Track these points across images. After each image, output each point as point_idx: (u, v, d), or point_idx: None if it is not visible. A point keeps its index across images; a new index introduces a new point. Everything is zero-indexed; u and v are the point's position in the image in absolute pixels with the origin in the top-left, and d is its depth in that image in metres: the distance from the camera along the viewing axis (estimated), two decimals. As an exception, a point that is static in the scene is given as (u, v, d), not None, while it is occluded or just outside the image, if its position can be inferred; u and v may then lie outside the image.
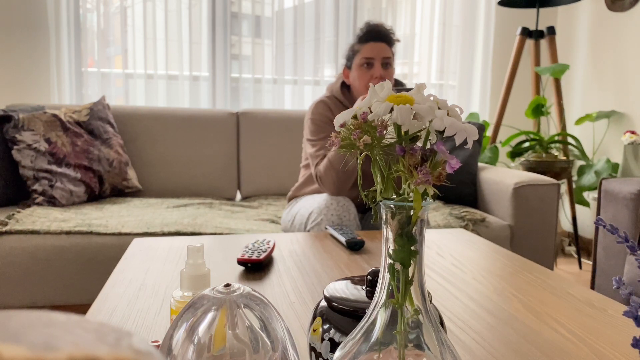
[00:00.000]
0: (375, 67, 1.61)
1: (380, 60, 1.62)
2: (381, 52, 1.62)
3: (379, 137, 0.38)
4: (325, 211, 1.51)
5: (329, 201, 1.53)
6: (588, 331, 0.74)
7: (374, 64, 1.62)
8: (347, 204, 1.54)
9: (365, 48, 1.62)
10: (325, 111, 1.67)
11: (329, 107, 1.68)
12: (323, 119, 1.66)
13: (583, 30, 3.07)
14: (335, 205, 1.52)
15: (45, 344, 0.15)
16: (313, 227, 1.52)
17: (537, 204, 2.01)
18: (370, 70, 1.62)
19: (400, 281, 0.40)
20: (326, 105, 1.68)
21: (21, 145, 2.01)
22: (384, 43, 1.63)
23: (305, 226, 1.56)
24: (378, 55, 1.61)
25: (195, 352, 0.41)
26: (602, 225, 0.41)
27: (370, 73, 1.62)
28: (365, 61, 1.62)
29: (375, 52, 1.61)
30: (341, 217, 1.50)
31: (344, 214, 1.50)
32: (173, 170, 2.39)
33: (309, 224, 1.54)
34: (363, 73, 1.63)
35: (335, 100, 1.70)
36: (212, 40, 2.85)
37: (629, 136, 2.50)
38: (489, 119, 3.21)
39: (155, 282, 0.92)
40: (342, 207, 1.52)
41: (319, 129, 1.66)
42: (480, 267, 1.05)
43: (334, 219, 1.50)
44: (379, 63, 1.62)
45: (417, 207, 0.38)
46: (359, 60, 1.63)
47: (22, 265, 1.66)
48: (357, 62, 1.64)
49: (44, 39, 2.65)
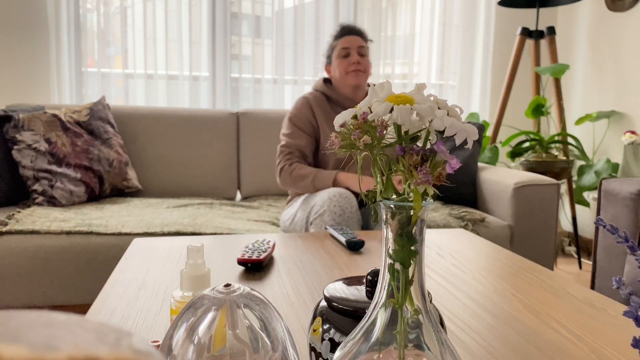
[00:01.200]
0: (352, 55, 1.78)
1: (356, 49, 1.78)
2: (356, 42, 1.79)
3: (379, 137, 0.38)
4: (328, 202, 1.56)
5: (332, 193, 1.58)
6: (588, 331, 0.74)
7: (351, 52, 1.78)
8: (349, 196, 1.59)
9: (342, 41, 1.80)
10: (305, 109, 1.80)
11: (309, 104, 1.81)
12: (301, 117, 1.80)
13: (583, 30, 3.07)
14: (338, 197, 1.56)
15: (45, 344, 0.15)
16: (316, 218, 1.57)
17: (537, 204, 2.01)
18: (347, 58, 1.78)
19: (400, 281, 0.40)
20: (307, 102, 1.82)
21: (21, 145, 2.01)
22: (357, 36, 1.81)
23: (308, 219, 1.61)
24: (353, 44, 1.78)
25: (195, 352, 0.41)
26: (602, 225, 0.41)
27: (348, 60, 1.77)
28: (343, 52, 1.78)
29: (351, 42, 1.79)
30: (343, 208, 1.55)
31: (346, 206, 1.55)
32: (173, 170, 2.39)
33: (312, 215, 1.59)
34: (341, 61, 1.79)
35: (318, 94, 1.84)
36: (212, 40, 2.85)
37: (629, 136, 2.50)
38: (489, 119, 3.21)
39: (155, 282, 0.92)
40: (345, 199, 1.57)
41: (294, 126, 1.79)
42: (480, 267, 1.05)
43: (336, 209, 1.54)
44: (355, 52, 1.78)
45: (417, 207, 0.38)
46: (337, 52, 1.80)
47: (22, 265, 1.66)
48: (336, 54, 1.81)
49: (44, 39, 2.65)
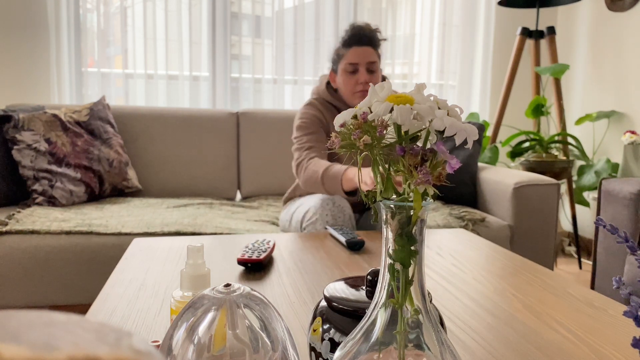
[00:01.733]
0: (360, 73, 1.58)
1: (365, 65, 1.58)
2: (366, 57, 1.58)
3: (379, 137, 0.38)
4: (320, 210, 1.51)
5: (325, 201, 1.54)
6: (588, 331, 0.74)
7: (359, 69, 1.58)
8: (342, 204, 1.54)
9: (350, 53, 1.59)
10: (314, 111, 1.66)
11: (318, 108, 1.67)
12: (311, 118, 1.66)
13: (583, 30, 3.07)
14: (330, 206, 1.52)
15: (45, 344, 0.15)
16: (308, 225, 1.52)
17: (537, 204, 2.01)
18: (355, 76, 1.59)
19: (400, 281, 0.40)
20: (314, 106, 1.68)
21: (21, 145, 2.01)
22: (369, 47, 1.59)
23: (301, 224, 1.56)
24: (362, 60, 1.58)
25: (195, 352, 0.41)
26: (602, 225, 0.41)
27: (355, 79, 1.59)
28: (350, 67, 1.58)
29: (360, 57, 1.58)
30: (336, 217, 1.50)
31: (338, 215, 1.51)
32: (173, 170, 2.39)
33: (304, 222, 1.54)
34: (348, 79, 1.60)
35: (323, 102, 1.69)
36: (212, 40, 2.85)
37: (629, 136, 2.50)
38: (489, 119, 3.21)
39: (155, 282, 0.92)
40: (338, 207, 1.52)
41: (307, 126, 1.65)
42: (480, 267, 1.05)
43: (328, 218, 1.50)
44: (364, 68, 1.58)
45: (417, 207, 0.38)
46: (343, 65, 1.60)
47: (22, 265, 1.66)
48: (342, 67, 1.61)
49: (44, 39, 2.65)
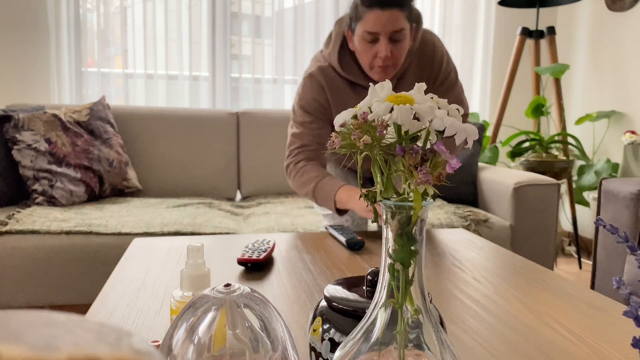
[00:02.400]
0: (380, 44, 1.22)
1: (387, 34, 1.22)
2: (388, 25, 1.20)
3: (379, 137, 0.38)
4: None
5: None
6: (588, 331, 0.74)
7: (380, 38, 1.22)
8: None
9: (370, 17, 1.21)
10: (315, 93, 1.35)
11: (321, 85, 1.35)
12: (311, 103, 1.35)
13: (583, 30, 3.07)
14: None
15: (45, 344, 0.15)
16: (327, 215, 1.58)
17: (537, 204, 2.01)
18: (374, 46, 1.24)
19: (400, 281, 0.40)
20: (317, 84, 1.35)
21: (21, 145, 2.01)
22: (395, 9, 1.20)
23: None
24: (385, 29, 1.21)
25: (195, 352, 0.41)
26: (602, 225, 0.41)
27: (375, 50, 1.24)
28: (369, 37, 1.23)
29: (381, 25, 1.20)
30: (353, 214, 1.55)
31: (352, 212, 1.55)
32: (173, 170, 2.39)
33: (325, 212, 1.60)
34: (366, 48, 1.25)
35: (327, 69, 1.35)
36: (212, 40, 2.85)
37: (629, 136, 2.50)
38: (489, 119, 3.21)
39: (155, 282, 0.92)
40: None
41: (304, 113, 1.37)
42: (481, 267, 1.05)
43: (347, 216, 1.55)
44: (386, 38, 1.22)
45: (417, 207, 0.38)
46: (361, 31, 1.24)
47: (22, 265, 1.66)
48: (360, 32, 1.25)
49: (44, 39, 2.65)
